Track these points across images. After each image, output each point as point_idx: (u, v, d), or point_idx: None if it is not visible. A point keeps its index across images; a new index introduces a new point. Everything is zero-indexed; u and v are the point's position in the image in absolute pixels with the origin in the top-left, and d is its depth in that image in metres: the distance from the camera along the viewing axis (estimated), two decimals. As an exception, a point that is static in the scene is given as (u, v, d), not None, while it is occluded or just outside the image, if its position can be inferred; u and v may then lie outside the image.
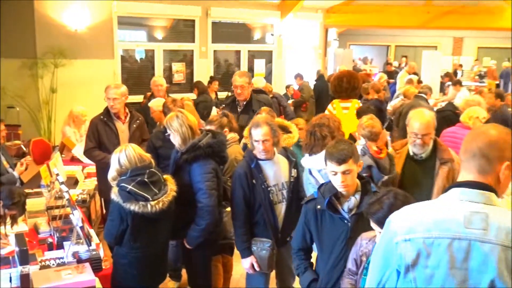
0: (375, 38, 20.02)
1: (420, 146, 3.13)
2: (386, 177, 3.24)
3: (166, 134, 3.39)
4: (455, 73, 14.05)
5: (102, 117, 4.46)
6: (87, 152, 4.44)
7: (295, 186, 3.33)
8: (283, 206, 3.31)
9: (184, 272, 4.21)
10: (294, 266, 2.94)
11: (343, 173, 2.59)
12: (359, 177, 2.72)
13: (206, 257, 3.51)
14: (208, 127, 3.85)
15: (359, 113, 5.07)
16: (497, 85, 14.44)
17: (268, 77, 11.14)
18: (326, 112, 5.39)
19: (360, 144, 3.70)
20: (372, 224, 2.28)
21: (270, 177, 3.27)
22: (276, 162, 3.31)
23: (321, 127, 3.43)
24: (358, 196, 2.69)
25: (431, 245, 1.60)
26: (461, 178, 1.71)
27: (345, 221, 2.58)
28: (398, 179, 3.30)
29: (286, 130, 3.93)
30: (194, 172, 3.29)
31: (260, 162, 3.25)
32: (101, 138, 4.31)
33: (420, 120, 3.15)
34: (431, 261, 1.60)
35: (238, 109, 4.85)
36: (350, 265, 2.44)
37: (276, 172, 3.30)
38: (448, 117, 5.61)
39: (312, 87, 10.22)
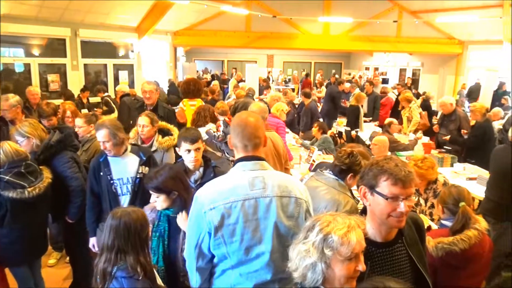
0: (213, 55, 21.18)
1: None
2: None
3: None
4: (268, 79, 15.68)
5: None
6: None
7: (142, 181, 2.98)
8: (127, 198, 3.06)
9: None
10: None
11: (196, 150, 2.73)
12: (202, 156, 2.83)
13: (81, 231, 3.35)
14: (77, 121, 3.96)
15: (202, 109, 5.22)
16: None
17: (132, 85, 11.47)
18: (178, 108, 5.59)
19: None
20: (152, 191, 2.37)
21: (115, 172, 3.05)
22: (124, 159, 3.08)
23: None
24: (201, 170, 2.79)
25: (230, 208, 1.74)
26: (242, 155, 1.87)
27: (192, 189, 2.51)
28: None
29: (167, 133, 3.75)
30: (56, 166, 3.21)
31: (109, 158, 3.05)
32: None
33: (258, 107, 3.95)
34: (231, 219, 1.75)
35: None
36: None
37: (122, 167, 3.07)
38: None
39: (166, 92, 10.77)
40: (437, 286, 2.32)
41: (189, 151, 2.73)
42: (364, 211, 1.74)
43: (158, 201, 2.34)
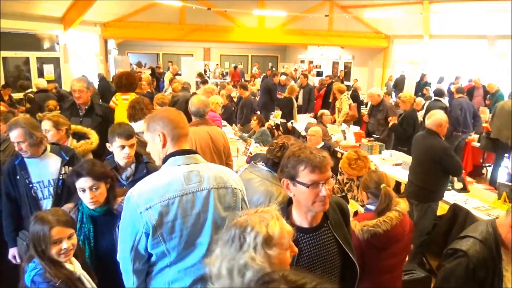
0: (148, 48, 20.69)
1: None
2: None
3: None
4: (205, 72, 15.67)
5: None
6: None
7: (66, 183, 2.66)
8: (49, 202, 2.84)
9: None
10: None
11: (130, 146, 2.67)
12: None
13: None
14: None
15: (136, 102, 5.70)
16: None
17: (59, 79, 10.88)
18: (111, 103, 5.26)
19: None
20: None
21: (34, 174, 2.83)
22: (43, 160, 2.86)
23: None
24: (133, 166, 2.71)
25: (167, 205, 1.71)
26: (173, 149, 1.84)
27: (124, 187, 2.52)
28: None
29: (83, 136, 3.49)
30: None
31: (26, 159, 2.82)
32: None
33: (199, 100, 3.78)
34: (170, 216, 1.71)
35: (80, 112, 4.30)
36: None
37: (42, 169, 2.85)
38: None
39: (96, 87, 10.18)
40: (365, 266, 2.47)
41: (123, 147, 2.64)
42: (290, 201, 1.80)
43: (95, 196, 2.18)
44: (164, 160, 1.82)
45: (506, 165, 6.62)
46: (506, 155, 5.98)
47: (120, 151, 2.64)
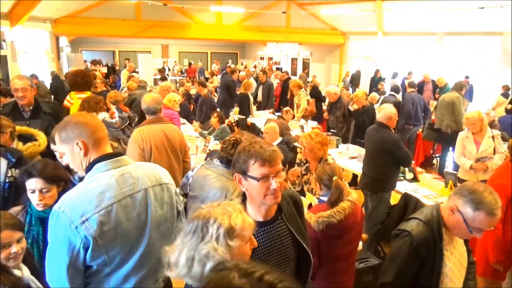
0: (103, 45, 20.20)
1: None
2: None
3: None
4: (163, 70, 15.28)
5: None
6: None
7: (14, 186, 2.68)
8: None
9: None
10: None
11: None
12: None
13: None
14: None
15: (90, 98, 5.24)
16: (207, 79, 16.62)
17: (6, 79, 10.18)
18: (65, 102, 5.18)
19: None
20: None
21: None
22: None
23: None
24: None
25: (105, 214, 1.64)
26: (97, 155, 1.74)
27: None
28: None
29: (30, 138, 3.24)
30: None
31: None
32: None
33: (150, 98, 3.73)
34: (110, 224, 1.65)
35: (25, 115, 3.83)
36: None
37: None
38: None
39: (49, 86, 9.93)
40: (321, 256, 2.57)
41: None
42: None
43: (44, 199, 2.10)
44: (89, 168, 1.73)
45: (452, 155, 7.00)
46: (451, 148, 6.33)
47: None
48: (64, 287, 1.66)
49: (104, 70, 15.71)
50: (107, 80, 11.14)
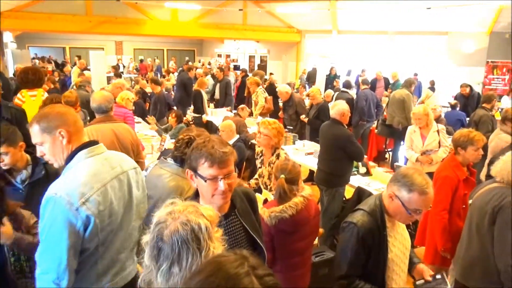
0: (52, 41, 19.31)
1: None
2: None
3: None
4: (118, 67, 15.01)
5: None
6: None
7: None
8: None
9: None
10: None
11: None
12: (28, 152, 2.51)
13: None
14: None
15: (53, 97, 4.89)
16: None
17: None
18: (16, 100, 5.04)
19: None
20: None
21: None
22: None
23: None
24: (29, 168, 2.49)
25: (101, 194, 1.76)
26: (78, 143, 1.86)
27: (20, 191, 2.38)
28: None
29: None
30: None
31: None
32: None
33: (101, 96, 3.66)
34: (104, 203, 1.77)
35: None
36: None
37: None
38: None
39: None
40: (276, 251, 2.61)
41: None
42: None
43: None
44: (71, 156, 1.81)
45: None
46: (402, 142, 6.62)
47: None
48: (62, 274, 1.68)
49: (50, 67, 14.97)
50: (53, 77, 10.58)
